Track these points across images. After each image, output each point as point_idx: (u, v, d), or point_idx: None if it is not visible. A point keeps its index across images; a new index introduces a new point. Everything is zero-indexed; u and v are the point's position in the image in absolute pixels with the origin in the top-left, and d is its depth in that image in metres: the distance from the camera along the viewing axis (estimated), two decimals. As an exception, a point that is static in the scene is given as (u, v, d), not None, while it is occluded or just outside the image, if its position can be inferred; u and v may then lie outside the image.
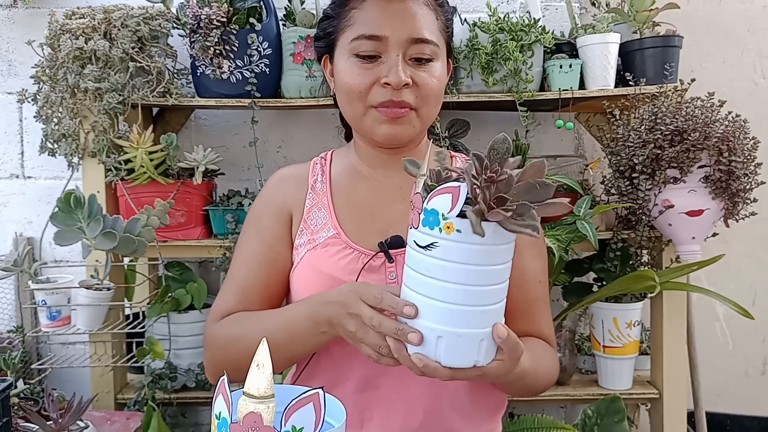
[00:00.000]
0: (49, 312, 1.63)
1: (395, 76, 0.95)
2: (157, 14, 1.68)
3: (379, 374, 0.98)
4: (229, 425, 0.60)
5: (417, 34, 0.97)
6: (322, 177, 1.09)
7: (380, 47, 0.97)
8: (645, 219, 1.63)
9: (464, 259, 0.74)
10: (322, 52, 1.07)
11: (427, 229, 0.74)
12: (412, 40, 0.97)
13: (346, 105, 1.02)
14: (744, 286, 2.14)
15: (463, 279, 0.74)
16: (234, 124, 2.02)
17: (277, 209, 1.07)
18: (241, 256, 1.07)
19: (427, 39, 0.98)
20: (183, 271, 1.83)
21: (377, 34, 0.97)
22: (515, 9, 1.99)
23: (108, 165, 1.68)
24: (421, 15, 0.99)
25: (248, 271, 1.04)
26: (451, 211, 0.72)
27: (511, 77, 1.68)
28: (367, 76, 0.97)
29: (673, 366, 1.76)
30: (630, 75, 1.71)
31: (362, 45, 0.97)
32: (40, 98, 1.70)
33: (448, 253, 0.74)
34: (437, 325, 0.76)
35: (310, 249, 1.02)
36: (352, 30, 0.99)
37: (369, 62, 0.98)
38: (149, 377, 1.69)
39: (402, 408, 0.99)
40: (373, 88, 0.97)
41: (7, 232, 2.01)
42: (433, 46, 0.99)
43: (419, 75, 0.98)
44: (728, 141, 1.51)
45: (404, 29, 0.97)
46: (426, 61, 0.99)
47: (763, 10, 2.13)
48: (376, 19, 0.97)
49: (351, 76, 0.99)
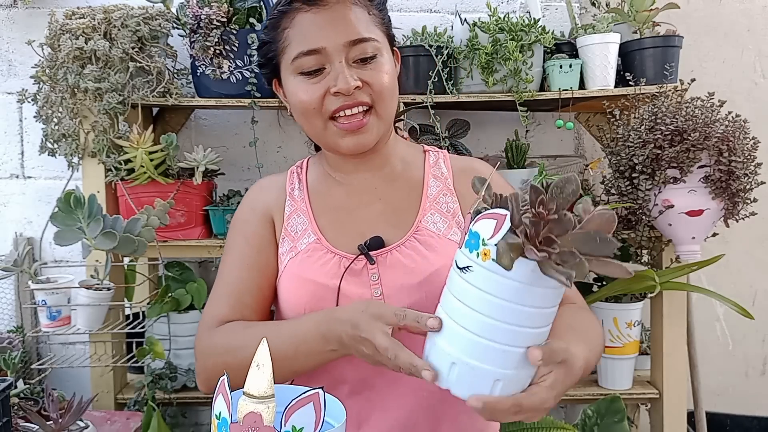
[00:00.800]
0: (49, 312, 1.63)
1: (343, 82, 0.95)
2: (157, 14, 1.68)
3: (373, 375, 0.98)
4: (229, 425, 0.60)
5: (353, 35, 0.97)
6: (299, 185, 1.10)
7: (321, 59, 0.97)
8: (645, 219, 1.63)
9: (493, 291, 0.70)
10: (270, 78, 1.07)
11: (467, 251, 0.72)
12: (349, 43, 0.97)
13: (304, 123, 1.02)
14: (744, 286, 2.14)
15: (488, 310, 0.70)
16: (234, 124, 2.02)
17: (261, 215, 1.07)
18: (230, 262, 1.06)
19: (364, 38, 0.97)
20: (183, 271, 1.83)
21: (314, 48, 0.96)
22: (515, 9, 1.99)
23: (108, 165, 1.68)
24: (353, 16, 0.98)
25: (240, 275, 1.03)
26: (491, 238, 0.69)
27: (511, 77, 1.68)
28: (316, 90, 0.97)
29: (673, 366, 1.76)
30: (630, 75, 1.71)
31: (304, 62, 0.97)
32: (40, 98, 1.70)
33: (479, 279, 0.70)
34: (454, 350, 0.73)
35: (292, 257, 1.02)
36: (290, 50, 0.99)
37: (315, 76, 0.98)
38: (149, 377, 1.69)
39: (398, 408, 0.99)
40: (325, 100, 0.97)
41: (7, 232, 2.01)
42: (373, 42, 0.98)
43: (367, 74, 0.97)
44: (728, 141, 1.51)
45: (339, 35, 0.96)
46: (370, 59, 0.98)
47: (763, 10, 2.13)
48: (309, 33, 0.97)
49: (301, 93, 0.98)
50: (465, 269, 0.72)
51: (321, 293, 0.97)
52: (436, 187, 1.07)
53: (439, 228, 1.03)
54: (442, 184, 1.07)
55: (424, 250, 1.00)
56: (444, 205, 1.05)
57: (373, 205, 1.05)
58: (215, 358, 0.96)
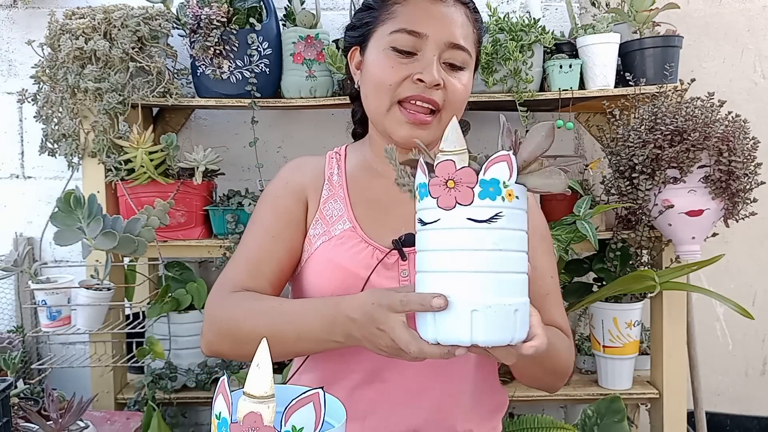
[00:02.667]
0: (49, 312, 1.63)
1: (430, 74, 0.96)
2: (157, 14, 1.68)
3: (386, 368, 0.98)
4: (229, 425, 0.60)
5: (455, 39, 0.98)
6: (338, 171, 1.09)
7: (418, 44, 0.98)
8: (645, 219, 1.63)
9: (519, 225, 0.75)
10: (355, 42, 1.07)
11: (487, 200, 0.72)
12: (450, 44, 0.98)
13: (371, 97, 1.02)
14: (744, 286, 2.14)
15: (511, 245, 0.74)
16: (234, 124, 2.02)
17: (294, 191, 1.06)
18: (255, 230, 1.05)
19: (463, 46, 0.99)
20: (183, 271, 1.83)
21: (418, 31, 0.97)
22: (515, 9, 1.99)
23: (108, 165, 1.68)
24: (461, 23, 1.00)
25: (262, 244, 1.02)
26: (510, 178, 0.72)
27: (511, 77, 1.68)
28: (400, 71, 0.98)
29: (673, 366, 1.76)
30: (630, 75, 1.71)
31: (401, 39, 0.98)
32: (40, 98, 1.70)
33: (509, 221, 0.73)
34: (473, 299, 0.73)
35: (325, 241, 1.02)
36: (392, 23, 0.99)
37: (405, 57, 0.98)
38: (149, 377, 1.69)
39: (407, 404, 0.99)
40: (403, 83, 0.98)
41: (7, 232, 2.01)
42: (466, 54, 1.00)
43: (450, 80, 0.99)
44: (728, 141, 1.51)
45: (444, 32, 0.98)
46: (458, 68, 1.00)
47: (763, 10, 2.13)
48: (419, 15, 0.98)
49: (384, 68, 0.99)
50: (493, 218, 0.73)
51: (350, 281, 0.97)
52: None
53: None
54: None
55: None
56: None
57: (410, 203, 1.05)
58: (222, 323, 0.96)
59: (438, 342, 0.75)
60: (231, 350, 0.97)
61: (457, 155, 0.73)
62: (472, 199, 0.72)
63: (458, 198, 0.73)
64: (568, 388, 1.81)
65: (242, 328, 0.93)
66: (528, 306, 0.77)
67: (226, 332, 0.96)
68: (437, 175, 0.73)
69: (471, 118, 1.86)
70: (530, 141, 0.76)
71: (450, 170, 0.73)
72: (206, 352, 0.99)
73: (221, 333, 0.96)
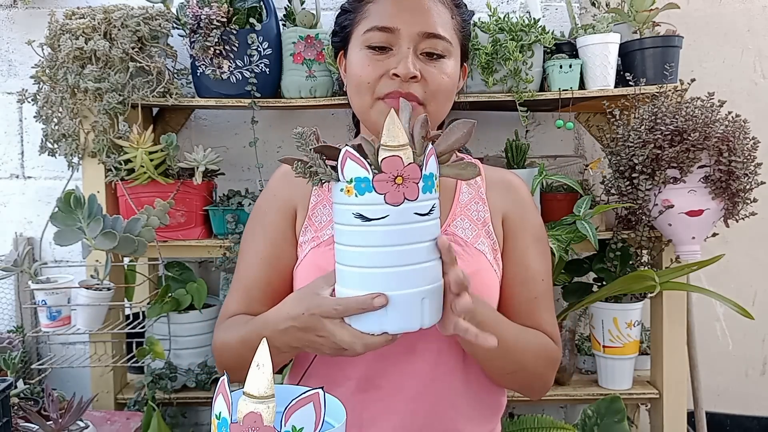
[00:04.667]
0: (49, 312, 1.63)
1: (404, 67, 0.95)
2: (157, 14, 1.68)
3: (380, 375, 0.98)
4: (229, 425, 0.60)
5: (429, 28, 0.98)
6: None
7: (392, 39, 0.98)
8: (645, 219, 1.63)
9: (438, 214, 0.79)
10: (338, 47, 1.08)
11: (427, 194, 0.75)
12: (423, 34, 0.97)
13: (354, 96, 1.02)
14: (744, 286, 2.14)
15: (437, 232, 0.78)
16: (234, 124, 2.02)
17: (282, 205, 1.06)
18: (246, 255, 1.07)
19: (439, 34, 0.98)
20: (183, 271, 1.83)
21: (389, 26, 0.97)
22: (515, 9, 1.99)
23: (108, 165, 1.68)
24: (435, 11, 0.99)
25: (252, 270, 1.04)
26: (438, 170, 0.76)
27: (511, 77, 1.68)
28: (377, 68, 0.98)
29: (673, 366, 1.76)
30: (630, 75, 1.71)
31: (374, 36, 0.98)
32: (40, 98, 1.70)
33: (438, 210, 0.77)
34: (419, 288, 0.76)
35: (313, 246, 1.02)
36: (366, 22, 1.00)
37: (380, 54, 0.98)
38: (149, 377, 1.69)
39: (402, 409, 0.99)
40: (381, 80, 0.98)
41: (7, 232, 2.01)
42: (445, 42, 0.99)
43: (428, 70, 0.98)
44: (728, 141, 1.51)
45: (416, 23, 0.97)
46: (437, 57, 0.99)
47: (763, 10, 2.13)
48: (389, 11, 0.98)
49: (361, 67, 0.99)
50: (430, 212, 0.76)
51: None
52: (468, 194, 1.07)
53: (467, 235, 1.03)
54: (474, 192, 1.07)
55: None
56: (475, 213, 1.05)
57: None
58: (216, 354, 1.03)
59: (386, 332, 0.78)
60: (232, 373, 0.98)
61: (402, 150, 0.73)
62: (418, 194, 0.74)
63: (406, 194, 0.74)
64: (567, 388, 1.81)
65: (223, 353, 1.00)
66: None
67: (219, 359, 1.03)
68: (385, 171, 0.73)
69: (471, 118, 1.85)
70: (451, 135, 0.78)
71: (399, 166, 0.73)
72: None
73: (218, 361, 1.03)
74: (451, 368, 0.99)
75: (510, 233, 1.06)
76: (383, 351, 0.97)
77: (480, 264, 1.01)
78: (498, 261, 1.04)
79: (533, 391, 1.04)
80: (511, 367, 0.98)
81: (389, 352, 0.97)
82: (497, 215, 1.06)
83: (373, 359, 0.97)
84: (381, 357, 0.97)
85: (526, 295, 1.03)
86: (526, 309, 1.02)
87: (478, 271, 1.00)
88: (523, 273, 1.04)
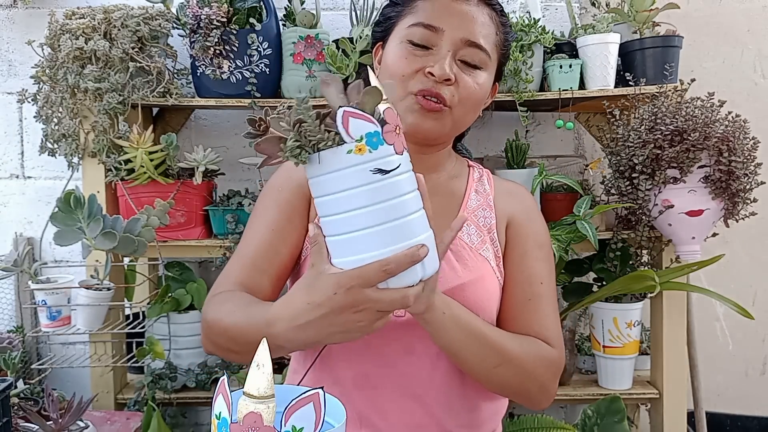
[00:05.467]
0: (49, 312, 1.63)
1: (440, 68, 0.96)
2: (157, 14, 1.68)
3: (377, 374, 0.98)
4: (229, 425, 0.60)
5: (472, 37, 0.98)
6: None
7: (434, 39, 0.98)
8: (645, 219, 1.63)
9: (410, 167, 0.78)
10: (379, 37, 1.07)
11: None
12: (466, 41, 0.98)
13: None
14: (744, 286, 2.14)
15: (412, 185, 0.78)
16: (234, 124, 2.02)
17: (297, 186, 1.03)
18: (256, 223, 1.03)
19: (480, 45, 0.99)
20: (183, 271, 1.83)
21: (434, 25, 0.98)
22: (515, 9, 1.99)
23: (108, 165, 1.68)
24: (481, 22, 1.00)
25: (263, 238, 1.01)
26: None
27: (511, 77, 1.68)
28: (414, 62, 0.98)
29: (673, 366, 1.76)
30: (630, 75, 1.71)
31: (417, 32, 0.98)
32: (40, 98, 1.70)
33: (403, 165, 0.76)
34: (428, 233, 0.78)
35: None
36: (412, 17, 1.00)
37: (419, 50, 0.98)
38: (149, 377, 1.69)
39: (398, 409, 0.99)
40: (416, 76, 0.98)
41: (7, 232, 2.01)
42: (485, 54, 1.00)
43: (463, 76, 0.98)
44: (728, 141, 1.51)
45: (461, 29, 0.98)
46: (474, 67, 0.99)
47: (763, 10, 2.13)
48: (437, 11, 0.99)
49: (398, 59, 0.99)
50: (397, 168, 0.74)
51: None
52: (477, 201, 1.07)
53: (473, 240, 1.03)
54: (482, 200, 1.08)
55: (454, 260, 1.00)
56: (482, 219, 1.05)
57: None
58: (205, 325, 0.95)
59: (421, 279, 0.77)
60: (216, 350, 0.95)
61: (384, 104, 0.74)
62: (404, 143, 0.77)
63: (403, 143, 0.76)
64: (567, 388, 1.81)
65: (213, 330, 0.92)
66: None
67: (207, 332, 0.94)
68: (389, 122, 0.73)
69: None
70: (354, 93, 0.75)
71: (394, 117, 0.74)
72: (205, 349, 0.98)
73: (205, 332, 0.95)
74: (449, 371, 0.99)
75: (512, 238, 1.06)
76: (381, 351, 0.98)
77: (483, 270, 1.01)
78: (500, 267, 1.04)
79: (532, 396, 0.99)
80: (493, 359, 0.93)
81: (387, 353, 0.98)
82: (502, 221, 1.07)
83: (372, 358, 0.97)
84: (379, 357, 0.97)
85: (521, 296, 1.03)
86: (520, 310, 1.02)
87: (482, 277, 1.00)
88: (519, 275, 1.04)
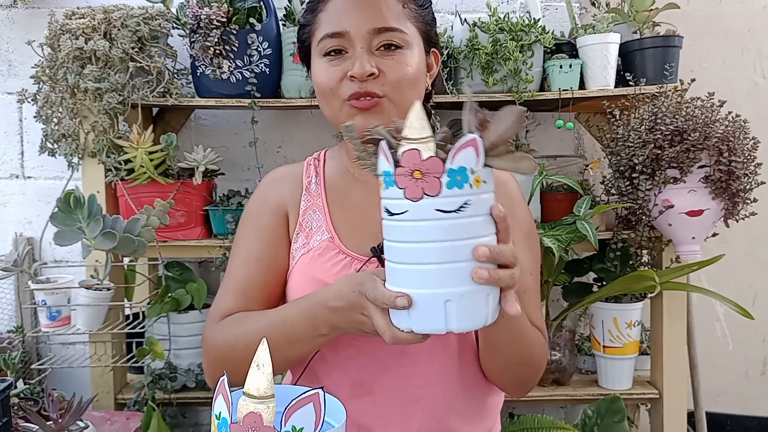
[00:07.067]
0: (49, 312, 1.63)
1: (359, 67, 0.95)
2: (157, 14, 1.68)
3: (373, 380, 0.98)
4: (229, 425, 0.60)
5: (379, 23, 0.97)
6: (316, 178, 1.09)
7: (344, 43, 0.98)
8: (645, 219, 1.63)
9: (486, 210, 0.72)
10: (305, 62, 1.08)
11: (455, 189, 0.70)
12: (374, 30, 0.97)
13: (323, 105, 1.03)
14: (744, 286, 2.14)
15: (480, 230, 0.72)
16: (234, 124, 2.02)
17: (274, 208, 1.06)
18: (239, 255, 1.05)
19: (391, 27, 0.97)
20: (183, 271, 1.83)
21: (337, 31, 0.97)
22: (515, 9, 1.99)
23: (108, 165, 1.68)
24: (384, 5, 0.98)
25: (247, 270, 1.03)
26: (477, 164, 0.70)
27: (511, 77, 1.68)
28: (335, 72, 0.98)
29: (673, 366, 1.76)
30: (630, 75, 1.71)
31: (327, 44, 0.98)
32: (40, 98, 1.70)
33: (477, 207, 0.71)
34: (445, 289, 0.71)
35: (304, 253, 1.02)
36: (318, 32, 1.00)
37: (336, 58, 0.98)
38: (149, 377, 1.69)
39: (398, 413, 0.98)
40: (342, 83, 0.97)
41: (7, 232, 2.01)
42: (400, 33, 0.98)
43: (386, 63, 0.97)
44: (728, 141, 1.51)
45: (364, 21, 0.97)
46: (394, 49, 0.98)
47: (763, 10, 2.13)
48: (336, 16, 0.99)
49: (321, 74, 0.99)
50: (460, 209, 0.70)
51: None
52: None
53: None
54: None
55: None
56: None
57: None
58: (217, 353, 0.98)
59: (412, 331, 0.75)
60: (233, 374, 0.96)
61: (423, 143, 0.70)
62: (440, 190, 0.70)
63: (426, 189, 0.70)
64: (567, 388, 1.81)
65: (236, 349, 0.94)
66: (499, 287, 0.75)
67: (222, 358, 0.96)
68: (403, 165, 0.71)
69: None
70: (500, 123, 0.73)
71: (416, 160, 0.70)
72: (211, 385, 0.99)
73: (218, 360, 0.97)
74: (445, 370, 0.99)
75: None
76: (374, 355, 0.98)
77: None
78: None
79: (523, 388, 1.02)
80: (518, 358, 0.96)
81: (380, 356, 0.97)
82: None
83: (366, 364, 0.97)
84: (373, 361, 0.97)
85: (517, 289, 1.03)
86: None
87: None
88: None
